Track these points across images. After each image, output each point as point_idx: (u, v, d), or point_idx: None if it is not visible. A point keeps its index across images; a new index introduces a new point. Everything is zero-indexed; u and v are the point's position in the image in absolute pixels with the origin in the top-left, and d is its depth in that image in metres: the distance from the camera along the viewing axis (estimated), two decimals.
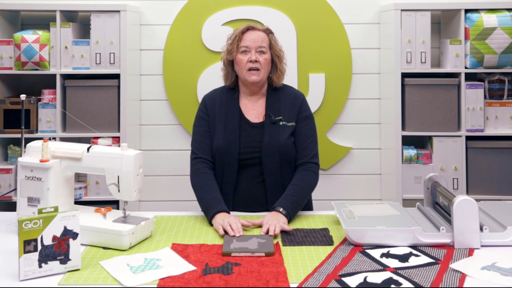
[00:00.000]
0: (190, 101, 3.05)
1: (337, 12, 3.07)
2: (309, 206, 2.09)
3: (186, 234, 1.73)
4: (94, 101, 2.85)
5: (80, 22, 3.06)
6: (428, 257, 1.49)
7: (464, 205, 1.55)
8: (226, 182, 2.00)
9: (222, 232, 1.70)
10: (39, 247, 1.37)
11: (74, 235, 1.42)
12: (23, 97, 1.89)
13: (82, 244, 1.58)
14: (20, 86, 3.09)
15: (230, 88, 2.11)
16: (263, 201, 1.99)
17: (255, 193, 1.99)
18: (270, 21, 2.97)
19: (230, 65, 2.09)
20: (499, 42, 2.78)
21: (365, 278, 1.34)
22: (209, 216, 1.83)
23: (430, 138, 2.90)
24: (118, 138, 2.84)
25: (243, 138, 2.01)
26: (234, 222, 1.72)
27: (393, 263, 1.45)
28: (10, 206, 2.77)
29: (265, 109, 2.05)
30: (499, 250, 1.53)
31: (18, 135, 2.78)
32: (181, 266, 1.44)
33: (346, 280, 1.34)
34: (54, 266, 1.39)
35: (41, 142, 1.72)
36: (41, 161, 1.68)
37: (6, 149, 2.94)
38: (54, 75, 2.84)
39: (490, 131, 2.87)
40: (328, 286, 1.31)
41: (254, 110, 2.07)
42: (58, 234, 1.40)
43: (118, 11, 2.83)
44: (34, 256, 1.37)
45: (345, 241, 1.63)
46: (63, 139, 2.80)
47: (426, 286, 1.31)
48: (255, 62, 2.00)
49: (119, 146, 1.76)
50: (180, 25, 3.07)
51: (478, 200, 1.65)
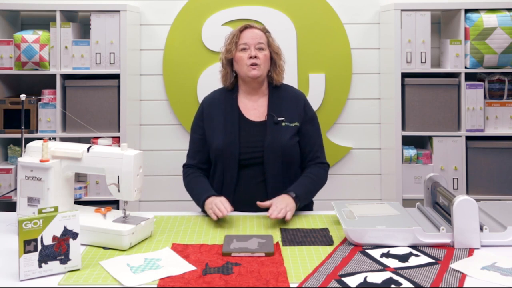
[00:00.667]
0: (190, 101, 3.05)
1: (337, 12, 3.07)
2: (309, 206, 2.09)
3: (186, 234, 1.73)
4: (94, 101, 2.85)
5: (80, 22, 3.06)
6: (428, 257, 1.49)
7: (464, 205, 1.55)
8: (226, 182, 2.00)
9: (214, 217, 1.79)
10: (39, 247, 1.37)
11: (74, 235, 1.42)
12: (23, 97, 1.90)
13: (82, 244, 1.58)
14: (20, 86, 3.09)
15: (228, 89, 2.13)
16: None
17: (256, 193, 1.99)
18: (270, 21, 2.97)
19: (229, 64, 2.10)
20: (499, 42, 2.78)
21: (365, 278, 1.34)
22: (201, 206, 1.91)
23: (430, 138, 2.90)
24: (118, 138, 2.84)
25: (243, 137, 2.02)
26: (220, 202, 1.80)
27: (393, 263, 1.45)
28: (10, 206, 2.77)
29: (267, 108, 2.06)
30: (499, 250, 1.53)
31: (18, 135, 2.78)
32: (181, 266, 1.44)
33: (346, 280, 1.34)
34: (54, 266, 1.39)
35: (41, 142, 1.72)
36: (41, 161, 1.68)
37: (6, 149, 2.94)
38: (54, 75, 2.84)
39: (490, 131, 2.87)
40: (328, 286, 1.31)
41: (255, 110, 2.08)
42: (58, 234, 1.40)
43: (118, 11, 2.83)
44: (34, 256, 1.37)
45: (345, 241, 1.63)
46: (63, 139, 2.80)
47: (426, 286, 1.31)
48: (255, 57, 2.02)
49: (119, 146, 1.76)
50: (180, 25, 3.07)
51: (478, 200, 1.65)
